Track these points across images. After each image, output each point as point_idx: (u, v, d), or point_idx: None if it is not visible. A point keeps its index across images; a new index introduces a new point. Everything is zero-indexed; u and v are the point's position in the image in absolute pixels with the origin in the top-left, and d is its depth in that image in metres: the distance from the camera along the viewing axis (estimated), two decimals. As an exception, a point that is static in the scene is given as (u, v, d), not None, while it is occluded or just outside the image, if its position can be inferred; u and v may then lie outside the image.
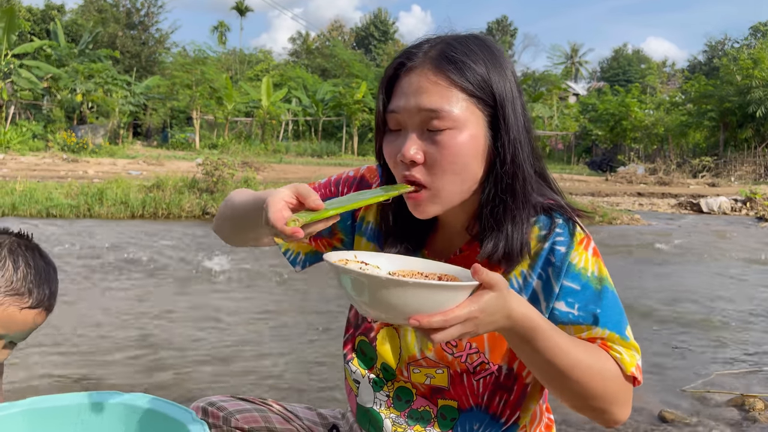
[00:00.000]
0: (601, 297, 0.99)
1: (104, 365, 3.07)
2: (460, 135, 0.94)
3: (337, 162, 25.23)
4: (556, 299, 0.99)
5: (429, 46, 0.98)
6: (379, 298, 0.79)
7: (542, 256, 1.00)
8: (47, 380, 2.86)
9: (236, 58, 43.17)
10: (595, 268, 0.99)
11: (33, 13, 36.44)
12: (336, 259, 0.91)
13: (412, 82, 0.95)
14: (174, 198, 9.61)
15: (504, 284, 0.83)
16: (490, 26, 68.57)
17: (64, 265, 5.57)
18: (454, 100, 0.93)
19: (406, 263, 0.96)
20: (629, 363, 0.97)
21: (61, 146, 21.87)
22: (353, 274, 0.81)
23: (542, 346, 0.89)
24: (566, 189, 16.02)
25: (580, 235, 1.00)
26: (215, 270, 5.66)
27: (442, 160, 0.94)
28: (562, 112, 38.39)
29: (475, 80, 0.95)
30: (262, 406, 1.30)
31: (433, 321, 0.77)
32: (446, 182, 0.95)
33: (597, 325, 0.98)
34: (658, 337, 3.88)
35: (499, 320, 0.84)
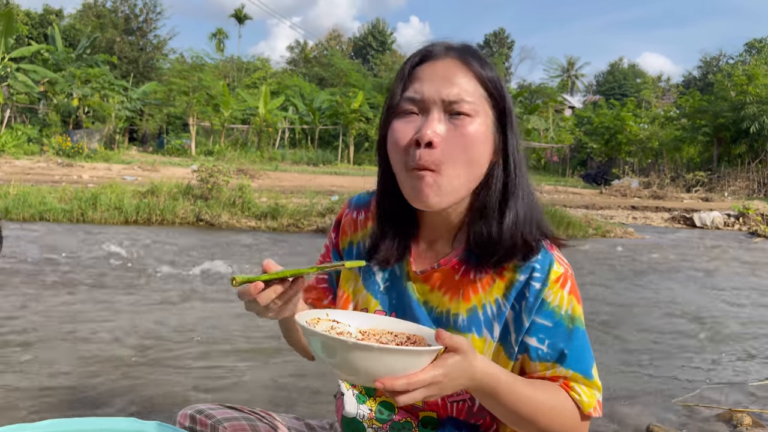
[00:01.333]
0: (571, 337, 1.01)
1: (82, 381, 3.06)
2: (475, 123, 0.98)
3: (333, 171, 25.25)
4: (526, 333, 1.01)
5: (446, 46, 1.04)
6: (347, 362, 0.82)
7: (517, 288, 1.02)
8: (13, 400, 2.84)
9: (234, 65, 43.25)
10: (570, 306, 1.01)
11: (31, 17, 36.47)
12: (307, 319, 0.94)
13: (437, 70, 1.00)
14: (168, 204, 9.59)
15: (468, 347, 0.86)
16: (487, 38, 68.97)
17: (37, 272, 5.55)
18: (474, 91, 0.99)
19: (376, 322, 0.99)
20: (587, 404, 1.01)
21: (57, 150, 21.82)
22: (322, 338, 0.83)
23: (505, 398, 0.93)
24: (561, 201, 16.08)
25: (557, 272, 1.01)
26: (203, 276, 5.65)
27: (458, 144, 0.96)
28: (557, 124, 38.58)
29: (492, 78, 1.01)
30: (251, 414, 1.29)
31: (396, 384, 0.80)
32: (456, 168, 0.97)
33: (562, 365, 1.01)
34: (645, 350, 3.89)
35: (463, 382, 0.88)
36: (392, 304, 1.14)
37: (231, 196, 10.06)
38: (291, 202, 10.76)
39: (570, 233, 10.44)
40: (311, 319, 0.96)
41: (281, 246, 7.86)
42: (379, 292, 1.17)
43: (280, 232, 9.32)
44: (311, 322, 0.95)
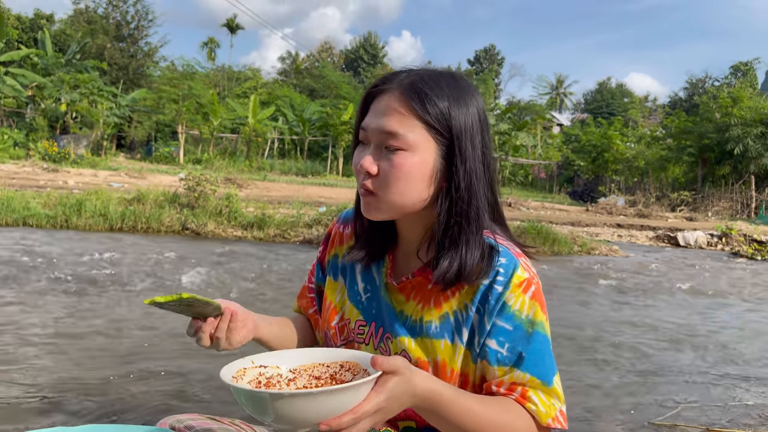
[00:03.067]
0: (530, 340, 1.02)
1: (55, 389, 3.02)
2: (411, 157, 1.02)
3: (322, 182, 25.25)
4: (487, 336, 1.03)
5: (405, 75, 1.07)
6: (285, 413, 0.79)
7: (481, 291, 1.04)
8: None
9: (225, 74, 43.26)
10: (531, 311, 1.02)
11: (21, 21, 36.29)
12: (233, 372, 0.91)
13: (382, 103, 1.05)
14: (154, 212, 9.52)
15: (405, 366, 0.87)
16: (478, 54, 69.59)
17: (24, 275, 5.49)
18: (411, 127, 1.02)
19: (307, 357, 0.99)
20: (545, 414, 1.01)
21: (42, 155, 21.65)
22: (252, 394, 0.80)
23: (449, 414, 0.93)
24: (547, 218, 16.18)
25: (520, 277, 1.03)
26: (190, 282, 5.62)
27: (390, 175, 1.03)
28: (545, 141, 38.93)
29: (435, 113, 1.03)
30: (230, 426, 1.29)
31: (342, 422, 0.81)
32: (390, 194, 1.04)
33: (519, 368, 1.01)
34: (624, 368, 3.91)
35: (406, 401, 0.89)
36: (372, 314, 1.17)
37: (218, 206, 10.02)
38: (278, 212, 10.73)
39: (555, 250, 10.50)
40: (237, 372, 0.93)
41: (266, 256, 7.84)
42: (360, 303, 1.20)
43: (267, 243, 9.28)
44: (237, 375, 0.92)
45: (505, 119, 34.40)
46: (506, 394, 1.02)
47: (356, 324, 1.19)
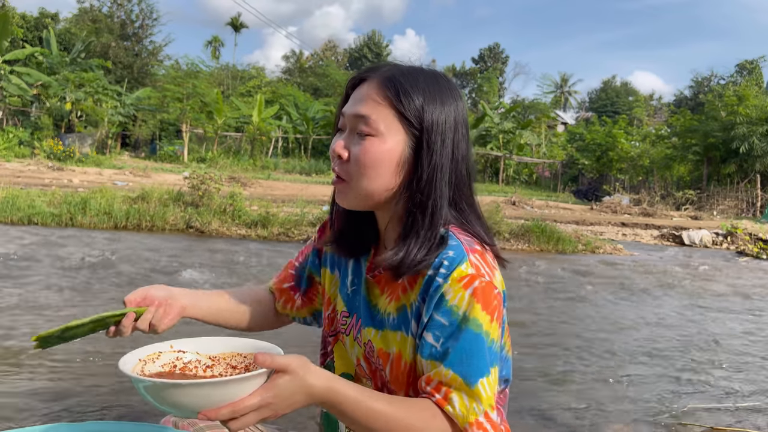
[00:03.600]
0: (459, 337, 0.99)
1: (59, 386, 3.03)
2: (380, 144, 1.05)
3: (325, 180, 25.25)
4: (425, 329, 1.02)
5: (387, 68, 1.11)
6: (167, 400, 0.83)
7: (425, 282, 1.04)
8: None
9: (229, 73, 43.29)
10: (468, 308, 0.99)
11: (26, 20, 36.40)
12: (146, 354, 0.96)
13: (361, 91, 1.09)
14: (158, 210, 9.55)
15: (299, 365, 0.89)
16: (482, 53, 69.53)
17: (34, 271, 5.50)
18: (383, 115, 1.05)
19: (225, 345, 1.02)
20: (463, 418, 0.97)
21: (48, 154, 21.71)
22: (140, 382, 0.84)
23: (353, 414, 0.94)
24: (551, 216, 16.15)
25: (463, 272, 1.00)
26: (193, 282, 5.63)
27: (358, 160, 1.06)
28: (550, 140, 38.87)
29: (408, 106, 1.06)
30: (233, 423, 1.30)
31: (220, 414, 0.84)
32: (358, 179, 1.07)
33: (443, 363, 0.99)
34: (630, 367, 3.90)
35: (300, 399, 0.90)
36: (354, 306, 1.20)
37: (222, 204, 10.03)
38: (282, 211, 10.73)
39: (559, 248, 10.48)
40: (151, 354, 0.97)
41: (270, 254, 7.85)
42: (347, 295, 1.23)
43: (271, 241, 9.29)
44: (150, 357, 0.96)
45: (509, 118, 34.33)
46: (432, 393, 0.99)
47: (341, 315, 1.22)
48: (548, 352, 4.14)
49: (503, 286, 1.06)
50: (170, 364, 0.95)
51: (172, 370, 0.93)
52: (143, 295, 1.19)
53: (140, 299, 1.18)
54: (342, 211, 1.20)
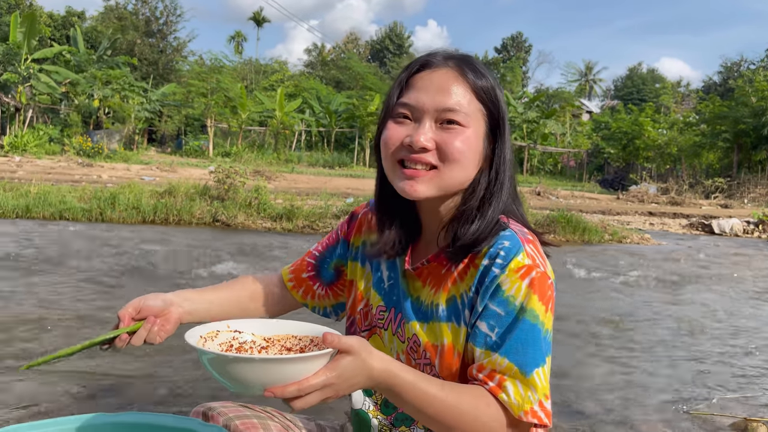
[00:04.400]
0: (515, 327, 0.99)
1: (92, 378, 3.10)
2: (467, 131, 1.05)
3: (349, 173, 25.31)
4: (479, 318, 1.02)
5: (446, 56, 1.09)
6: (234, 376, 0.84)
7: (480, 272, 1.04)
8: (24, 402, 2.88)
9: (252, 67, 43.56)
10: (525, 299, 1.00)
11: (54, 18, 37.03)
12: (205, 332, 0.97)
13: (434, 79, 1.06)
14: (185, 204, 9.69)
15: (362, 347, 0.89)
16: (505, 42, 68.78)
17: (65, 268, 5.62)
18: (468, 101, 1.05)
19: (280, 327, 1.03)
20: (518, 406, 0.97)
21: (77, 150, 22.14)
22: (207, 355, 0.85)
23: (408, 397, 0.94)
24: (577, 206, 15.97)
25: (519, 263, 1.01)
26: (214, 275, 5.71)
27: (452, 148, 1.03)
28: (575, 129, 38.38)
29: (487, 90, 1.06)
30: (262, 413, 1.32)
31: (287, 391, 0.83)
32: (451, 169, 1.05)
33: (497, 352, 0.99)
34: (659, 358, 3.86)
35: (360, 381, 0.90)
36: (392, 300, 1.19)
37: (247, 198, 10.13)
38: (306, 203, 10.81)
39: (586, 238, 10.37)
40: (210, 332, 0.98)
41: (293, 247, 7.90)
42: (383, 289, 1.22)
43: (295, 234, 9.36)
44: (209, 335, 0.97)
45: (533, 107, 33.97)
46: (484, 380, 1.00)
47: (377, 309, 1.21)
48: (576, 341, 4.12)
49: (553, 275, 1.07)
50: (227, 343, 0.96)
51: (229, 349, 0.94)
52: (138, 307, 1.15)
53: (135, 313, 1.14)
54: (385, 211, 1.18)
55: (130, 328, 1.11)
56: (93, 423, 1.10)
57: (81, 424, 1.09)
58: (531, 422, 0.99)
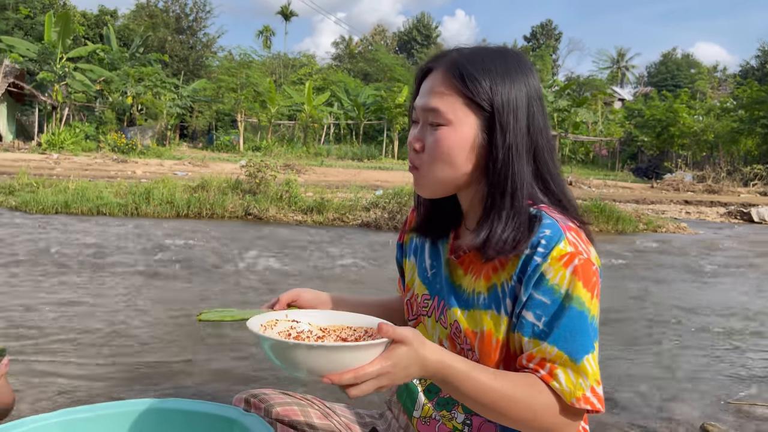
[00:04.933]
0: (562, 315, 1.00)
1: (129, 368, 3.18)
2: (452, 132, 1.07)
3: (378, 165, 25.34)
4: (524, 308, 1.03)
5: (450, 54, 1.11)
6: (293, 362, 0.87)
7: (522, 261, 1.04)
8: (73, 387, 2.97)
9: (280, 62, 43.80)
10: (570, 286, 1.00)
11: (87, 17, 37.75)
12: (265, 321, 1.01)
13: (428, 82, 1.11)
14: (218, 198, 9.83)
15: (415, 337, 0.91)
16: (534, 30, 67.84)
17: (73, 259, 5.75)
18: (451, 103, 1.07)
19: (336, 318, 1.07)
20: (569, 393, 0.98)
21: (112, 147, 22.63)
22: (268, 341, 0.89)
23: (461, 387, 0.96)
24: (610, 196, 15.72)
25: (562, 251, 1.01)
26: (251, 267, 5.78)
27: (432, 150, 1.08)
28: (607, 117, 37.72)
29: (475, 90, 1.06)
30: (302, 400, 1.35)
31: (343, 378, 0.86)
32: (432, 169, 1.10)
33: (546, 341, 1.00)
34: (701, 347, 3.79)
35: (414, 371, 0.92)
36: (436, 288, 1.21)
37: (278, 191, 10.24)
38: (336, 196, 10.87)
39: (620, 228, 10.22)
40: (269, 321, 1.02)
41: (325, 241, 7.96)
42: (427, 278, 1.24)
43: (326, 226, 9.43)
44: (269, 324, 1.01)
45: (563, 96, 33.45)
46: (534, 369, 1.01)
47: (422, 298, 1.23)
48: (615, 331, 4.07)
49: (599, 261, 1.06)
50: (285, 332, 1.01)
51: (287, 338, 0.98)
52: (293, 296, 1.27)
53: (290, 300, 1.27)
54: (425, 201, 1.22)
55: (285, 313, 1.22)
56: (133, 409, 1.14)
57: (121, 409, 1.13)
58: (584, 408, 0.99)
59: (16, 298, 4.28)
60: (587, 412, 1.01)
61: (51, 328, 3.61)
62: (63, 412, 1.10)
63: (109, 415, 1.12)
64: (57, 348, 3.26)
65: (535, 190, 1.09)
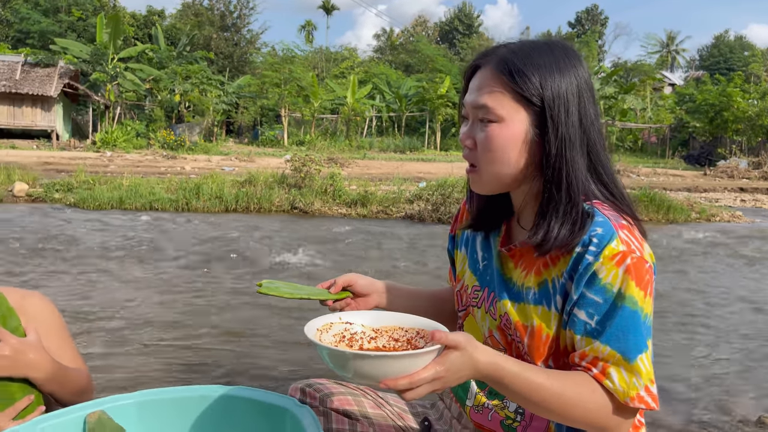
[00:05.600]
0: (615, 314, 1.00)
1: (196, 354, 3.29)
2: (503, 129, 1.07)
3: (420, 157, 25.28)
4: (576, 306, 1.03)
5: (499, 50, 1.12)
6: (351, 369, 0.91)
7: (573, 259, 1.04)
8: (141, 371, 3.10)
9: (322, 56, 44.07)
10: (623, 285, 1.00)
11: (136, 18, 38.78)
12: (320, 325, 1.05)
13: (477, 79, 1.12)
14: (265, 193, 10.02)
15: (468, 342, 0.94)
16: (579, 16, 66.22)
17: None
18: (500, 99, 1.07)
19: (388, 319, 1.09)
20: (623, 392, 0.99)
21: (161, 144, 23.26)
22: (326, 350, 0.93)
23: (513, 387, 0.98)
24: (660, 184, 15.31)
25: (614, 249, 1.01)
26: (298, 261, 5.89)
27: (484, 147, 1.09)
28: (656, 103, 36.58)
29: (525, 85, 1.06)
30: (356, 390, 1.39)
31: (399, 384, 0.89)
32: (486, 165, 1.11)
33: (599, 339, 1.00)
34: (760, 338, 3.69)
35: (467, 373, 0.95)
36: (486, 280, 1.23)
37: (323, 185, 10.36)
38: (380, 189, 10.92)
39: (670, 217, 9.95)
40: (324, 325, 1.06)
41: (369, 232, 8.02)
42: (477, 270, 1.26)
43: (370, 219, 9.50)
44: (324, 327, 1.05)
45: (610, 82, 32.61)
46: (587, 368, 1.02)
47: (472, 289, 1.25)
48: (668, 324, 4.00)
49: (653, 258, 1.05)
50: (340, 334, 1.05)
51: (341, 340, 1.03)
52: (349, 281, 1.31)
53: (346, 284, 1.30)
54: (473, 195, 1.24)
55: (336, 296, 1.28)
56: (201, 394, 1.22)
57: (193, 393, 1.21)
58: (638, 407, 1.00)
59: (100, 288, 4.49)
60: (641, 410, 1.03)
61: (123, 314, 3.79)
62: (140, 393, 1.20)
63: (181, 399, 1.21)
64: (127, 334, 3.42)
65: (590, 183, 1.09)
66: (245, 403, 1.20)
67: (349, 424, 1.31)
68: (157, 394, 1.21)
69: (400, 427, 1.35)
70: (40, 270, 5.13)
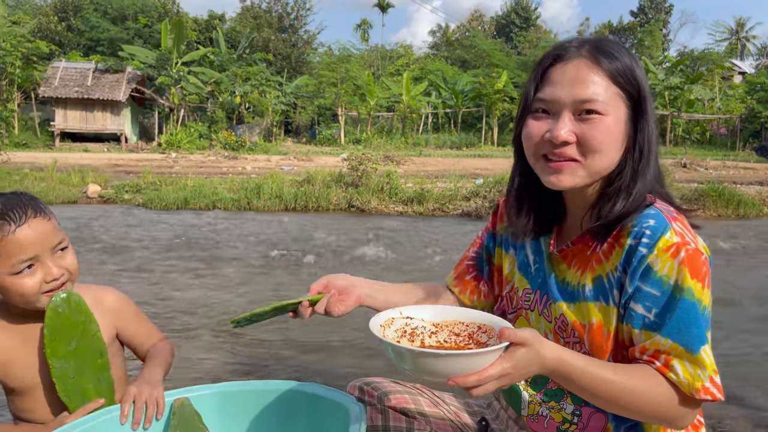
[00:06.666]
0: (673, 307, 1.00)
1: (267, 350, 3.40)
2: (607, 119, 1.06)
3: (477, 153, 25.03)
4: (632, 300, 1.03)
5: (579, 44, 1.10)
6: (418, 366, 0.91)
7: (626, 252, 1.05)
8: (213, 366, 3.22)
9: (378, 54, 44.23)
10: (679, 276, 1.00)
11: (198, 23, 40.02)
12: (382, 321, 1.04)
13: (567, 72, 1.08)
14: (323, 192, 10.19)
15: (534, 338, 0.94)
16: (642, 4, 63.94)
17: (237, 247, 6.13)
18: (604, 89, 1.06)
19: (448, 314, 1.08)
20: (688, 385, 0.99)
21: (223, 145, 23.95)
22: (393, 347, 0.93)
23: (579, 382, 0.98)
24: (730, 177, 14.63)
25: (668, 241, 1.01)
26: (368, 257, 5.96)
27: (592, 140, 1.05)
28: (725, 93, 34.93)
29: (624, 73, 1.06)
30: (413, 389, 1.42)
31: (468, 381, 0.90)
32: (594, 159, 1.07)
33: (661, 333, 1.00)
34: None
35: (534, 370, 0.95)
36: (538, 282, 1.23)
37: (379, 183, 10.44)
38: (436, 186, 10.91)
39: (741, 212, 9.52)
40: (386, 321, 1.05)
41: (426, 230, 8.03)
42: (529, 273, 1.27)
43: (426, 216, 9.50)
44: (385, 323, 1.04)
45: (676, 72, 31.37)
46: (649, 361, 1.02)
47: (524, 292, 1.26)
48: (731, 321, 3.86)
49: (707, 250, 1.06)
50: (401, 329, 1.05)
51: (403, 335, 1.03)
52: (325, 283, 1.29)
53: (321, 287, 1.28)
54: (528, 193, 1.22)
55: (312, 298, 1.25)
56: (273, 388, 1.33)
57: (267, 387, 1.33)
58: (704, 399, 1.00)
59: (170, 284, 4.71)
60: (707, 401, 1.02)
61: (194, 310, 3.96)
62: (222, 385, 1.34)
63: (254, 391, 1.33)
64: (200, 332, 3.58)
65: (655, 178, 1.11)
66: (309, 398, 1.30)
67: (406, 422, 1.33)
68: (233, 386, 1.34)
69: (456, 425, 1.37)
70: (118, 268, 5.41)
